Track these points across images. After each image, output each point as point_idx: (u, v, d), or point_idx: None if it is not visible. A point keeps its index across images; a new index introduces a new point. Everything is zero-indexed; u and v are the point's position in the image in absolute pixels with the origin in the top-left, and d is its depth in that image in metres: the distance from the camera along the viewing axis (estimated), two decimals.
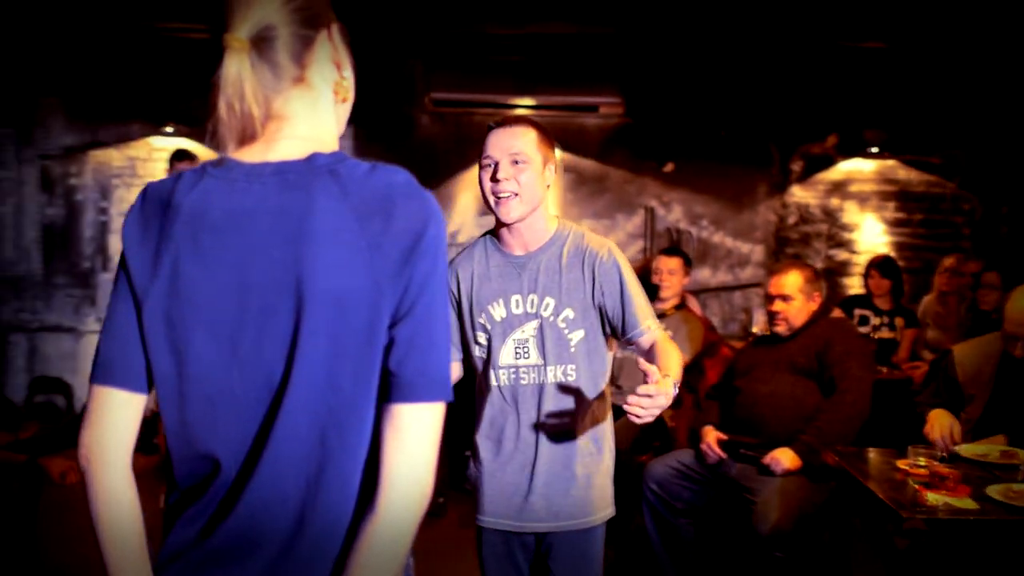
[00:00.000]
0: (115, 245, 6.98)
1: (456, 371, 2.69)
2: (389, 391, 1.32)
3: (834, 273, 7.51)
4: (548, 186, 2.55)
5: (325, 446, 1.32)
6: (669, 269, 5.36)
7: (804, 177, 7.48)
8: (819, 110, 7.37)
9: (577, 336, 2.51)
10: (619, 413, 4.97)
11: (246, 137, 1.38)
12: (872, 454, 3.54)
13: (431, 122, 7.24)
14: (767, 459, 3.80)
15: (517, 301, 2.54)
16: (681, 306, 5.34)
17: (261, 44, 1.36)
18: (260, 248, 1.32)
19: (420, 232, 1.31)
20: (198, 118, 1.51)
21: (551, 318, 2.51)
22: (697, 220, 7.40)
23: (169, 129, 7.00)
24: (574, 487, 2.54)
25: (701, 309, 6.31)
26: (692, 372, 4.92)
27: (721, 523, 4.11)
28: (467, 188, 7.24)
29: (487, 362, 2.58)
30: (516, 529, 2.59)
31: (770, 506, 3.65)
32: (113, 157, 7.04)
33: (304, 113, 1.42)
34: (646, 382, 2.14)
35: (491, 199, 2.50)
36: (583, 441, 2.55)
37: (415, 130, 7.24)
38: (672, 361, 2.36)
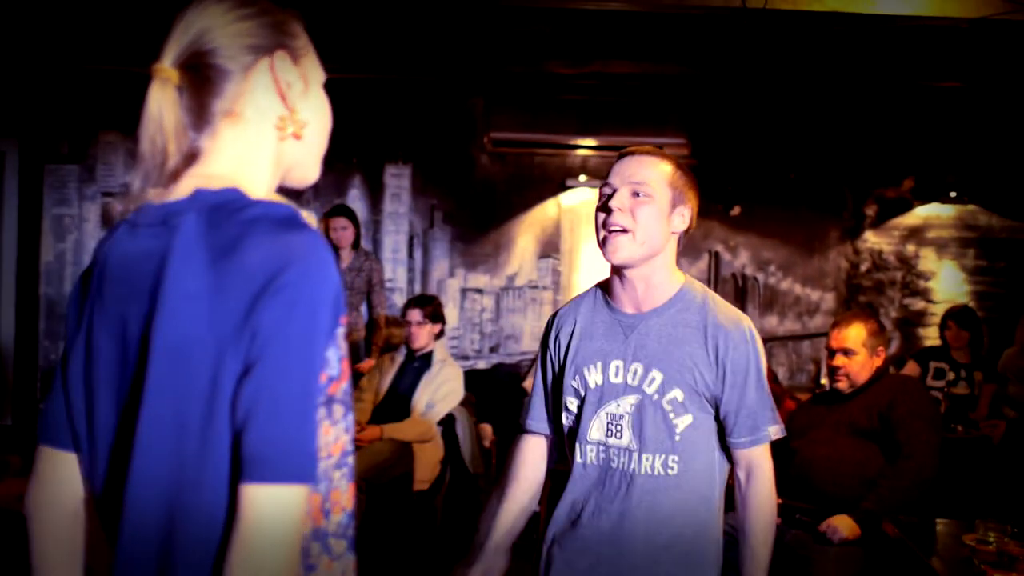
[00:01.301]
0: None
1: (536, 452, 2.38)
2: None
3: (909, 323, 7.19)
4: (677, 233, 2.17)
5: (174, 527, 1.13)
6: None
7: (878, 222, 7.19)
8: (895, 152, 7.10)
9: (684, 422, 2.09)
10: None
11: (166, 176, 1.25)
12: (940, 526, 3.30)
13: (491, 162, 7.13)
14: (824, 526, 3.54)
15: (618, 368, 2.14)
16: None
17: (189, 74, 1.24)
18: (134, 297, 1.20)
19: (274, 273, 1.11)
20: None
21: (655, 396, 2.09)
22: (764, 266, 7.15)
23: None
24: None
25: (767, 359, 6.06)
26: None
27: None
28: (527, 230, 7.10)
29: (575, 432, 2.20)
30: None
31: None
32: None
33: (227, 149, 1.28)
34: None
35: (600, 233, 2.13)
36: (675, 553, 2.10)
37: (474, 170, 7.14)
38: (756, 545, 2.11)
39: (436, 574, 5.10)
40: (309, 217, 1.24)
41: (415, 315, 5.17)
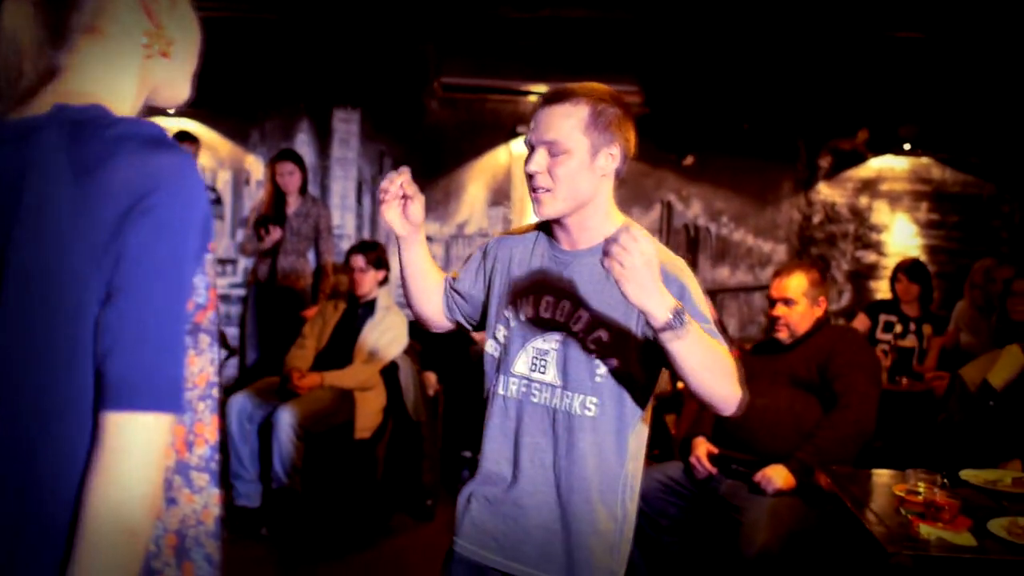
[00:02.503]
0: None
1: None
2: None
3: (861, 276, 7.19)
4: (608, 175, 2.09)
5: (32, 460, 1.07)
6: None
7: (832, 174, 7.17)
8: (849, 103, 7.05)
9: (607, 365, 2.06)
10: None
11: (20, 94, 1.17)
12: (875, 476, 3.26)
13: (441, 108, 7.01)
14: (758, 477, 3.52)
15: (548, 303, 2.12)
16: None
17: None
18: None
19: (142, 194, 1.06)
20: (200, 98, 1.31)
21: (580, 335, 2.08)
22: (717, 216, 7.11)
23: (170, 110, 6.80)
24: (565, 545, 2.09)
25: (716, 312, 6.04)
26: None
27: (708, 543, 3.83)
28: (477, 177, 7.01)
29: (499, 363, 2.20)
30: (492, 565, 2.16)
31: (758, 527, 3.37)
32: None
33: (88, 66, 1.20)
34: None
35: (529, 191, 2.12)
36: (588, 496, 2.08)
37: (424, 116, 7.02)
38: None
39: (378, 523, 5.06)
40: (255, 163, 1.17)
41: (358, 261, 5.08)
